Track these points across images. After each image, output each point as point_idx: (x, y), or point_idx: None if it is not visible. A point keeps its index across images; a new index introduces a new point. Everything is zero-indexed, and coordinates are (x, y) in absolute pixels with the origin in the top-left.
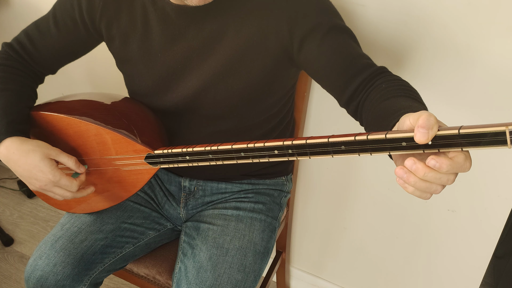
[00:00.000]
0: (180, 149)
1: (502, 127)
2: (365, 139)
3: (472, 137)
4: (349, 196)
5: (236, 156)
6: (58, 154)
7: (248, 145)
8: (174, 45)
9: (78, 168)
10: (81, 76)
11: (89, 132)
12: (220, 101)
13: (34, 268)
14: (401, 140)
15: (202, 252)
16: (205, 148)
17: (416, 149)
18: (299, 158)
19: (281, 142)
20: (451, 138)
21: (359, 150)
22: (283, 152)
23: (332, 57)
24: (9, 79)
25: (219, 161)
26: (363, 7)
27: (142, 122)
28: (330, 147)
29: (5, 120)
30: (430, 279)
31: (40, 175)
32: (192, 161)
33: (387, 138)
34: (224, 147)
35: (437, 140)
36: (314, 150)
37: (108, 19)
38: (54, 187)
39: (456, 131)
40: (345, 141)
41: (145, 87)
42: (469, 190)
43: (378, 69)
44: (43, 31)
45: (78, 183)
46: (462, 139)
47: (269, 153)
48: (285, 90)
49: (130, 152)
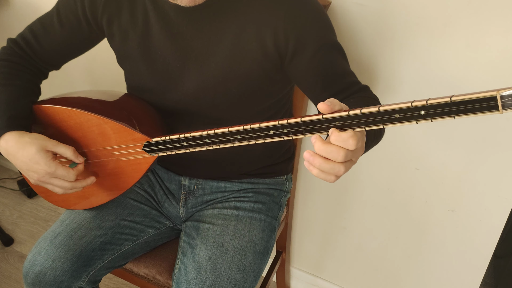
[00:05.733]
0: (178, 135)
1: (493, 92)
2: (358, 113)
3: (464, 104)
4: (349, 196)
5: (232, 138)
6: (55, 145)
7: (244, 127)
8: (173, 44)
9: (76, 158)
10: (80, 75)
11: (89, 122)
12: (219, 102)
13: (33, 263)
14: (395, 111)
15: (202, 252)
16: (202, 133)
17: (409, 120)
18: (294, 137)
19: (276, 122)
20: (443, 106)
21: (353, 124)
22: (278, 131)
23: (320, 73)
24: (14, 75)
25: (216, 145)
26: (363, 6)
27: (141, 113)
28: (324, 123)
29: (7, 115)
30: (430, 279)
31: (36, 167)
32: (189, 147)
33: (381, 111)
34: (221, 130)
35: (429, 109)
36: (309, 127)
37: (109, 15)
38: (51, 178)
39: (448, 99)
40: (339, 116)
41: (144, 84)
42: (469, 190)
43: (360, 88)
44: (47, 27)
45: (76, 172)
46: (453, 107)
47: (264, 134)
48: (284, 92)
49: (129, 141)
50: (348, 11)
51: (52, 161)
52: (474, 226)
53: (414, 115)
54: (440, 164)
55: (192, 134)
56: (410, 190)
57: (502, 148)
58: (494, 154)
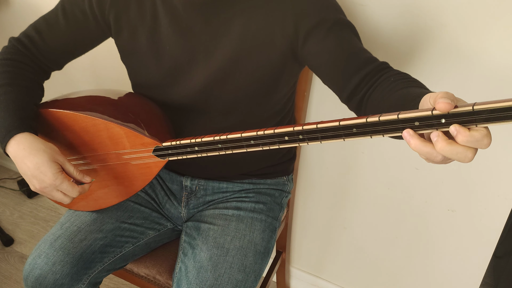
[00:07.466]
0: (189, 140)
1: None
2: (377, 120)
3: (486, 113)
4: (349, 196)
5: (246, 144)
6: (64, 162)
7: (258, 133)
8: (182, 38)
9: (83, 178)
10: (82, 74)
11: (96, 127)
12: (226, 96)
13: (33, 266)
14: (414, 119)
15: (203, 252)
16: (214, 138)
17: (429, 128)
18: (310, 143)
19: (291, 128)
20: (465, 115)
21: (371, 132)
22: (294, 138)
23: (335, 51)
24: (18, 74)
25: (228, 150)
26: (363, 6)
27: (148, 115)
28: (341, 131)
29: (18, 115)
30: (430, 279)
31: (42, 176)
32: (201, 152)
33: (400, 119)
34: (234, 136)
35: (450, 118)
36: (325, 134)
37: (117, 10)
38: (54, 191)
39: (470, 108)
40: (356, 123)
41: (151, 79)
42: (469, 190)
43: (381, 64)
44: (51, 24)
45: (80, 189)
46: (476, 116)
47: (279, 140)
48: (288, 87)
49: (138, 145)
50: (348, 11)
51: (60, 174)
52: (474, 226)
53: (434, 123)
54: (440, 164)
55: (204, 139)
56: (410, 190)
57: (502, 148)
58: (494, 154)
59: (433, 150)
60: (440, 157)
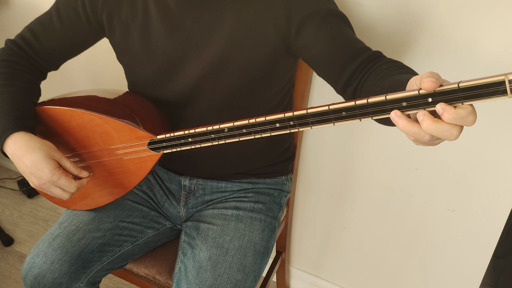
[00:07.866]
0: (182, 131)
1: (501, 76)
2: (365, 102)
3: (472, 90)
4: (348, 196)
5: (238, 133)
6: (61, 158)
7: (250, 121)
8: (173, 34)
9: (80, 173)
10: (80, 75)
11: (92, 122)
12: (220, 91)
13: (32, 266)
14: (401, 100)
15: (202, 252)
16: (207, 128)
17: (417, 108)
18: (301, 129)
19: (282, 115)
20: (450, 93)
21: (360, 114)
22: (285, 124)
23: (329, 42)
24: (15, 75)
25: (221, 140)
26: (362, 6)
27: (143, 111)
28: (331, 114)
29: (13, 115)
30: (430, 279)
31: (40, 173)
32: (194, 143)
33: (387, 100)
34: (226, 125)
35: (437, 96)
36: (316, 119)
37: (109, 10)
38: (52, 187)
39: (455, 86)
40: (346, 106)
41: (145, 77)
42: (468, 190)
43: (375, 53)
44: (46, 25)
45: (78, 185)
46: (462, 93)
47: (270, 127)
48: (283, 82)
49: (133, 139)
50: (348, 11)
51: (57, 170)
52: (474, 226)
53: (421, 102)
54: (440, 164)
55: (197, 130)
56: (410, 190)
57: (502, 148)
58: (494, 154)
59: (420, 130)
60: (428, 137)
